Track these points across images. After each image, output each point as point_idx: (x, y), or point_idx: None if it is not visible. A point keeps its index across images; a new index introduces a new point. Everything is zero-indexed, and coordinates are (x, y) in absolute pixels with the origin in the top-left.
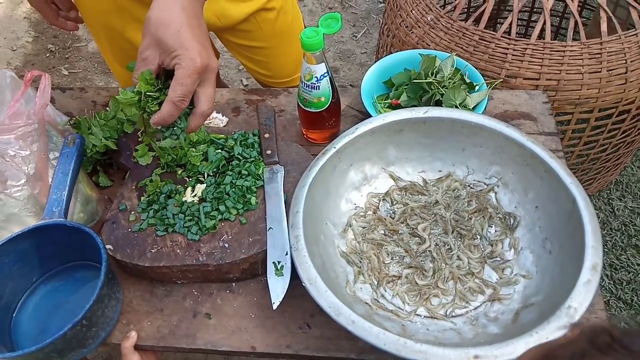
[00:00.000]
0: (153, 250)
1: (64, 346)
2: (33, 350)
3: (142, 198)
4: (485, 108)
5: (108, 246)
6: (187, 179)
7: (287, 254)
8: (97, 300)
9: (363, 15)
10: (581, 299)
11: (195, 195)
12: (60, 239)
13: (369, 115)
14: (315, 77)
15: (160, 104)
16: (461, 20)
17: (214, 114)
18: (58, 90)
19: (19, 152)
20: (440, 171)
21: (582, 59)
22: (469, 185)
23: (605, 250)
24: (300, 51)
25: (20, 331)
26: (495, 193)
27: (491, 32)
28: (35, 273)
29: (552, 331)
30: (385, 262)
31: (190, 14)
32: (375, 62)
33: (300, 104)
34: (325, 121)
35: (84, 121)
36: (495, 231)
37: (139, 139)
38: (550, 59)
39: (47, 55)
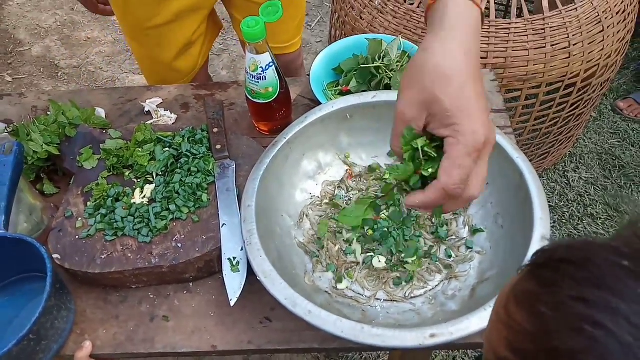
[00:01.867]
0: (103, 256)
1: None
2: None
3: (88, 203)
4: None
5: (55, 255)
6: (135, 180)
7: (242, 249)
8: (44, 313)
9: (316, 3)
10: None
11: (144, 196)
12: (4, 252)
13: (320, 104)
14: (261, 67)
15: (436, 168)
16: (410, 3)
17: (162, 112)
18: None
19: None
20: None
21: (526, 36)
22: None
23: (563, 221)
24: (302, 18)
25: None
26: None
27: None
28: None
29: None
30: (343, 249)
31: (474, 62)
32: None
33: (248, 95)
34: (275, 112)
35: (22, 127)
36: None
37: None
38: (496, 37)
39: None
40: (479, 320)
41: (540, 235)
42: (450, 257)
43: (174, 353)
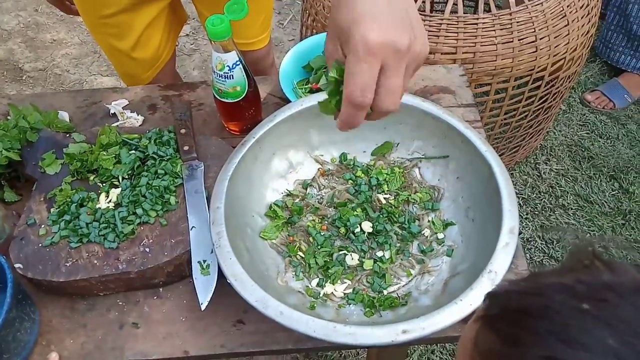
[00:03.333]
0: (68, 264)
1: None
2: None
3: (52, 210)
4: None
5: (18, 265)
6: (100, 184)
7: (211, 252)
8: (4, 325)
9: (288, 2)
10: (501, 262)
11: (110, 200)
12: None
13: (290, 102)
14: (227, 66)
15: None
16: None
17: (128, 113)
18: None
19: None
20: (364, 152)
21: (494, 30)
22: (393, 164)
23: (536, 212)
24: (269, 15)
25: None
26: (419, 168)
27: None
28: None
29: (475, 297)
30: (317, 249)
31: None
32: None
33: (215, 95)
34: (244, 111)
35: None
36: (420, 206)
37: None
38: (464, 32)
39: None
40: (450, 315)
41: (509, 228)
42: (422, 252)
43: None
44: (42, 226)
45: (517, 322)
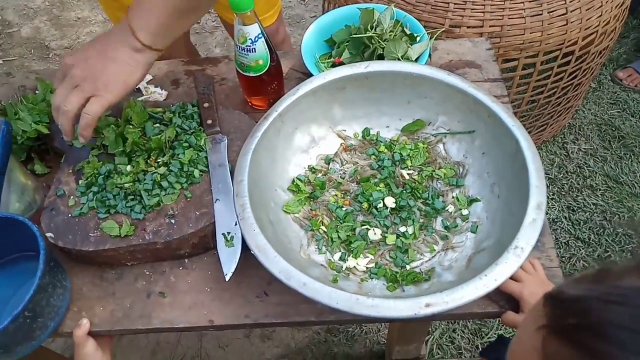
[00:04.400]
0: (96, 234)
1: (9, 340)
2: None
3: (80, 181)
4: (429, 59)
5: (49, 234)
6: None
7: (235, 224)
8: (38, 291)
9: None
10: (527, 238)
11: (136, 172)
12: None
13: (312, 76)
14: (250, 39)
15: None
16: None
17: (152, 88)
18: None
19: None
20: (387, 127)
21: (523, 2)
22: (417, 139)
23: (563, 193)
24: None
25: None
26: (444, 143)
27: None
28: None
29: (500, 272)
30: (339, 223)
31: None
32: None
33: (238, 69)
34: (266, 85)
35: (10, 106)
36: (445, 182)
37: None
38: (492, 5)
39: None
40: (474, 290)
41: (536, 203)
42: (446, 228)
43: (171, 328)
44: (71, 197)
45: (602, 336)
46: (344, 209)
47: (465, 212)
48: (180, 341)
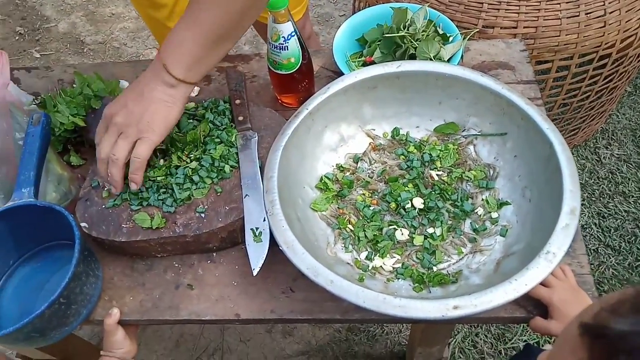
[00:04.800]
0: (129, 225)
1: (44, 325)
2: (11, 330)
3: None
4: (461, 59)
5: (83, 224)
6: (158, 151)
7: (264, 220)
8: (73, 278)
9: None
10: (559, 244)
11: (168, 167)
12: (34, 220)
13: (343, 75)
14: (283, 37)
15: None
16: None
17: None
18: (23, 70)
19: None
20: (417, 127)
21: (559, 4)
22: (447, 140)
23: (593, 199)
24: None
25: (1, 315)
26: (474, 145)
27: None
28: (12, 256)
29: (531, 277)
30: (366, 222)
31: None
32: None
33: (270, 66)
34: (297, 83)
35: (49, 99)
36: (474, 184)
37: None
38: (527, 6)
39: (17, 38)
40: (503, 294)
41: (570, 208)
42: (475, 230)
43: (198, 320)
44: (105, 189)
45: None
46: (371, 208)
47: (494, 215)
48: (203, 334)
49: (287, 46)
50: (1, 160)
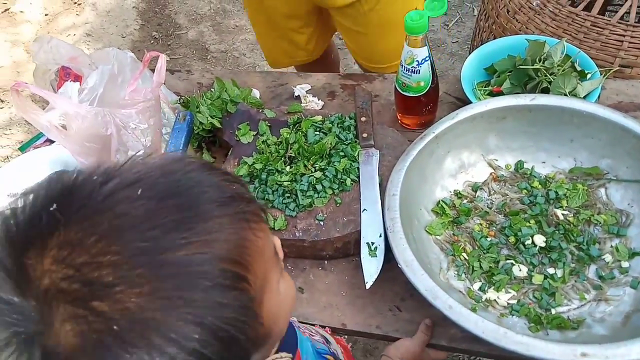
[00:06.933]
0: None
1: None
2: None
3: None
4: (597, 98)
5: None
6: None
7: (380, 236)
8: None
9: (456, 3)
10: None
11: (294, 174)
12: None
13: (467, 103)
14: (417, 60)
15: None
16: (574, 5)
17: (310, 97)
18: (167, 72)
19: (139, 125)
20: (543, 162)
21: None
22: (576, 179)
23: None
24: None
25: None
26: (606, 188)
27: (605, 18)
28: None
29: None
30: (482, 253)
31: None
32: (470, 49)
33: (398, 88)
34: (422, 106)
35: (193, 100)
36: (604, 229)
37: None
38: None
39: (152, 42)
40: None
41: None
42: (601, 278)
43: (306, 323)
44: None
45: None
46: (488, 239)
47: (625, 264)
48: None
49: (419, 70)
50: (151, 150)
